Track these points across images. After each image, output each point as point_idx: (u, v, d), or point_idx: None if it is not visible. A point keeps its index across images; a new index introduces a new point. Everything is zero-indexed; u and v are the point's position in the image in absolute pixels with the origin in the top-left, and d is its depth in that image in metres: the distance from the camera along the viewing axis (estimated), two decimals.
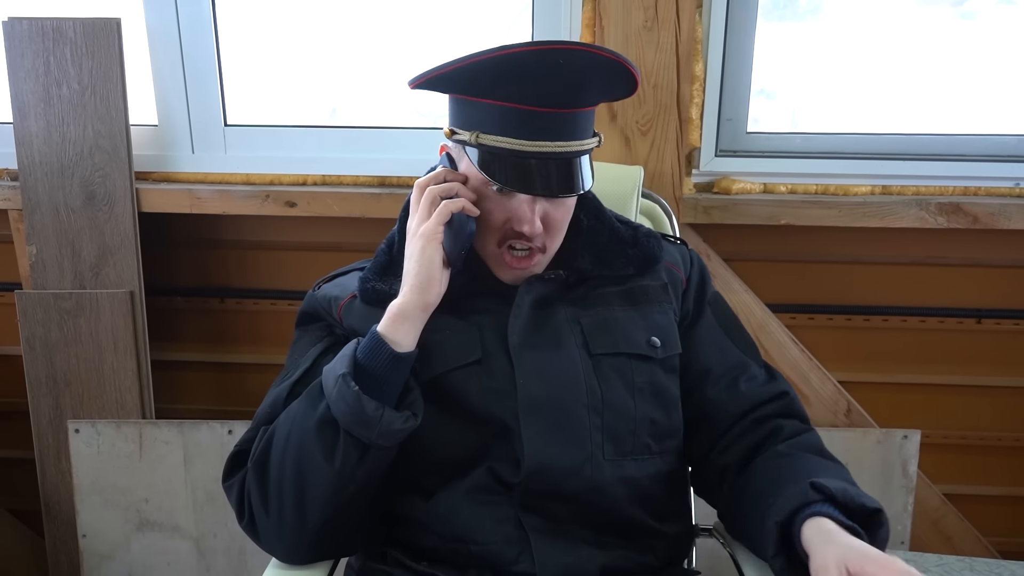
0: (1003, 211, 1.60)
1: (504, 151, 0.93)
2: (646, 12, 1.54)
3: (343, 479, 0.91)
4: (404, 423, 0.91)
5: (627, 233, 1.09)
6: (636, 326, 1.04)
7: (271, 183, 1.73)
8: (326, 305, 1.07)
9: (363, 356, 0.92)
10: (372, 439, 0.90)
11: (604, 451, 0.99)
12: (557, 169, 0.94)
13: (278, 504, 0.94)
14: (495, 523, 0.97)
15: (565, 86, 0.91)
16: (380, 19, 1.74)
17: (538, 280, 1.03)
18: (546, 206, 0.97)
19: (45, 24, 1.62)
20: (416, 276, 0.95)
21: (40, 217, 1.69)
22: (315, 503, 0.93)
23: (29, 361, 1.74)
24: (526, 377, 0.98)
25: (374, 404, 0.89)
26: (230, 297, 1.87)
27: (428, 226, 0.95)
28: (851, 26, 1.70)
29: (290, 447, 0.93)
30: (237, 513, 1.00)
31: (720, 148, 1.69)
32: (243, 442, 1.02)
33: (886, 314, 1.77)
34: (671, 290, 1.10)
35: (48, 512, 1.83)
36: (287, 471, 0.93)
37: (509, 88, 0.91)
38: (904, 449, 1.68)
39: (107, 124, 1.66)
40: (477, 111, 0.95)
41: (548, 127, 0.92)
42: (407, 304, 0.94)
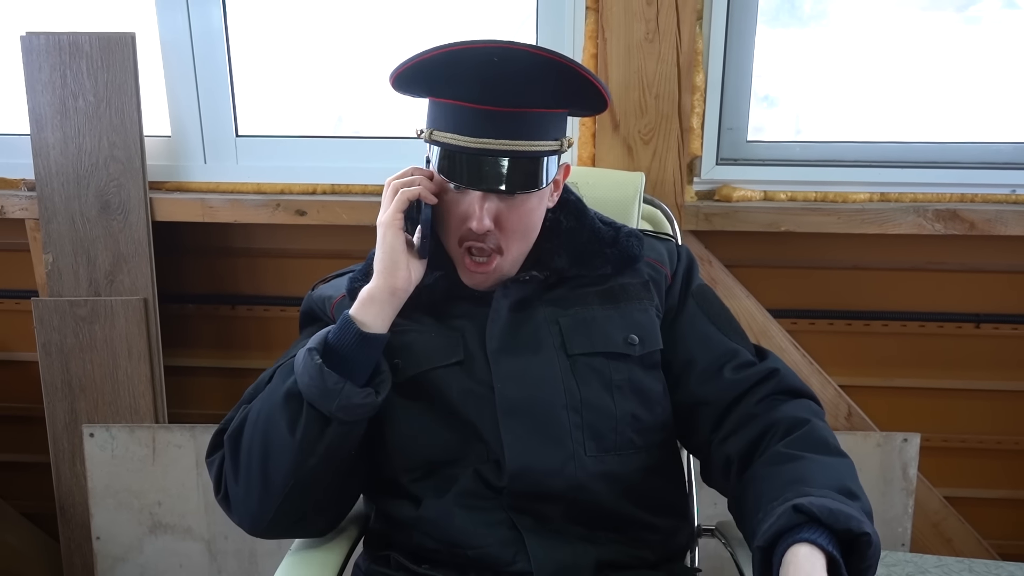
0: (999, 217, 1.62)
1: (452, 147, 0.96)
2: (647, 24, 1.57)
3: (304, 451, 0.94)
4: (364, 399, 0.94)
5: (608, 233, 1.10)
6: (614, 324, 1.05)
7: (281, 192, 1.77)
8: (320, 304, 1.11)
9: (333, 336, 0.96)
10: (332, 411, 0.93)
11: (586, 448, 1.00)
12: (507, 167, 0.96)
13: (246, 474, 0.97)
14: (488, 527, 0.99)
15: (505, 85, 0.93)
16: (384, 28, 1.77)
17: (514, 283, 1.05)
18: (499, 206, 0.98)
19: (62, 38, 1.66)
20: (381, 261, 0.99)
21: (56, 226, 1.73)
22: (278, 473, 0.95)
23: (45, 367, 1.78)
24: (503, 382, 1.01)
25: (335, 378, 0.92)
26: (241, 304, 1.90)
27: (388, 214, 0.99)
28: (854, 31, 1.72)
29: (260, 419, 0.97)
30: (215, 487, 1.03)
31: (721, 156, 1.72)
32: (225, 420, 1.05)
33: (886, 319, 1.79)
34: (652, 287, 1.10)
35: (63, 515, 1.86)
36: (255, 441, 0.96)
37: (454, 86, 0.95)
38: (904, 452, 1.70)
39: (122, 135, 1.70)
40: (436, 109, 0.99)
41: (496, 125, 0.94)
42: (374, 287, 0.98)
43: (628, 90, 1.60)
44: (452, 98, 0.96)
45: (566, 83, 0.96)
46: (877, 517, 1.70)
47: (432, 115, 1.00)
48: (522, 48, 0.93)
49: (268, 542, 1.77)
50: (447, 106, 0.97)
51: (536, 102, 0.95)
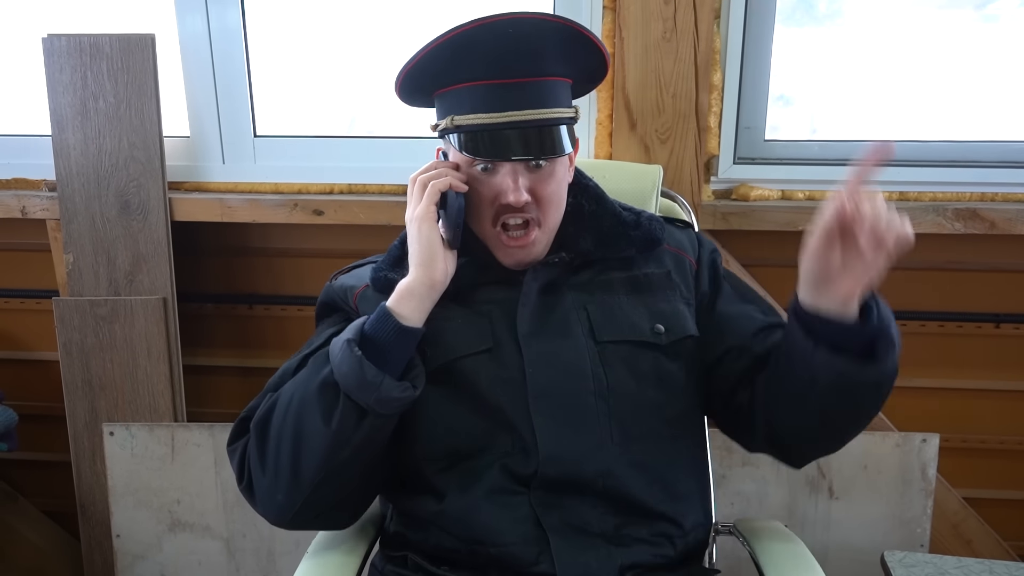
0: (1020, 216, 1.61)
1: (478, 127, 0.98)
2: (664, 23, 1.57)
3: (338, 442, 0.94)
4: (402, 392, 0.94)
5: (630, 217, 1.12)
6: (640, 314, 1.07)
7: (299, 192, 1.78)
8: (342, 294, 1.11)
9: (370, 327, 0.96)
10: (370, 404, 0.93)
11: (613, 436, 1.01)
12: (533, 137, 0.98)
13: (275, 463, 0.97)
14: (513, 523, 0.99)
15: (522, 55, 0.96)
16: (397, 29, 1.78)
17: (543, 266, 1.06)
18: (531, 178, 1.00)
19: (83, 40, 1.68)
20: (419, 255, 0.99)
21: (77, 226, 1.75)
22: (309, 463, 0.95)
23: (66, 366, 1.80)
24: (534, 366, 1.01)
25: (375, 370, 0.92)
26: (258, 303, 1.91)
27: (420, 208, 1.00)
28: (871, 30, 1.71)
29: (292, 408, 0.96)
30: (237, 476, 1.02)
31: (738, 156, 1.72)
32: (249, 409, 1.05)
33: (905, 319, 1.78)
34: (677, 276, 1.11)
35: (83, 513, 1.88)
36: (286, 430, 0.96)
37: (470, 67, 0.96)
38: (923, 453, 1.69)
39: (141, 136, 1.71)
40: (451, 98, 1.00)
41: (515, 97, 0.96)
42: (413, 280, 0.98)
43: (645, 89, 1.60)
44: (468, 80, 0.97)
45: (573, 49, 0.99)
46: (896, 518, 1.71)
47: (446, 105, 1.01)
48: (533, 17, 0.95)
49: (286, 541, 1.78)
50: (464, 90, 0.98)
51: (548, 70, 0.98)
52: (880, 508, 1.72)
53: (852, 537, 1.73)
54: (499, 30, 0.94)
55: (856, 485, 1.72)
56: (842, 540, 1.73)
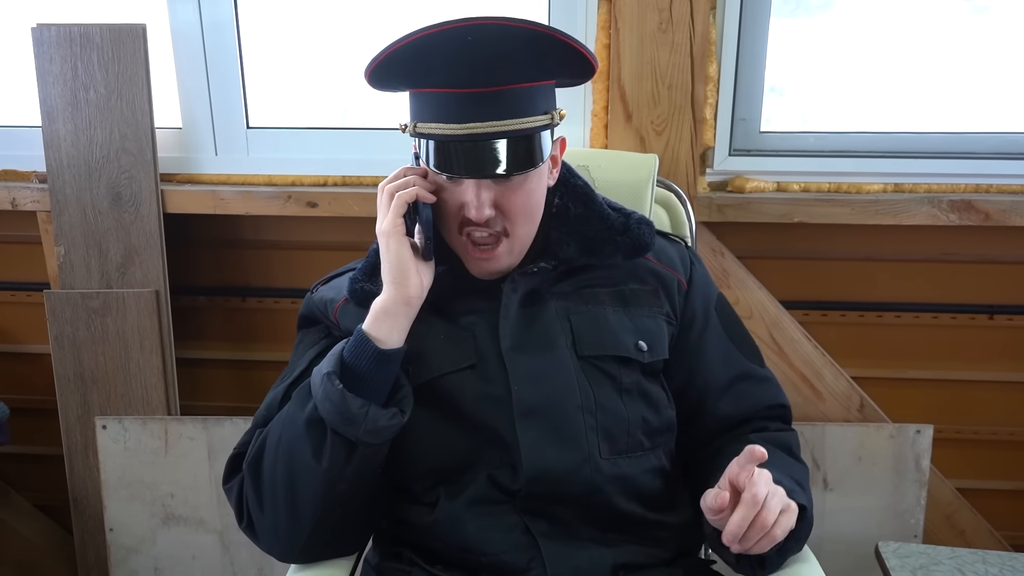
0: (1015, 208, 1.61)
1: (439, 137, 0.92)
2: (661, 14, 1.56)
3: (332, 478, 0.92)
4: (390, 420, 0.91)
5: (618, 220, 1.07)
6: (625, 328, 1.04)
7: (293, 184, 1.77)
8: (322, 308, 1.08)
9: (349, 355, 0.92)
10: (359, 436, 0.90)
11: (600, 451, 0.99)
12: (498, 149, 0.92)
13: (272, 504, 0.95)
14: (502, 532, 0.98)
15: (484, 64, 0.89)
16: (390, 19, 1.76)
17: (522, 276, 1.03)
18: (497, 190, 0.94)
19: (73, 30, 1.66)
20: (390, 273, 0.95)
21: (68, 218, 1.73)
22: (307, 502, 0.93)
23: (58, 359, 1.78)
24: (520, 383, 0.98)
25: (359, 402, 0.89)
26: (252, 296, 1.90)
27: (387, 222, 0.95)
28: (862, 21, 1.71)
29: (281, 448, 0.94)
30: (236, 515, 1.01)
31: (734, 147, 1.72)
32: (240, 445, 1.03)
33: (899, 310, 1.79)
34: (663, 294, 1.09)
35: (76, 507, 1.87)
36: (279, 471, 0.94)
37: (430, 74, 0.90)
38: (917, 444, 1.70)
39: (133, 127, 1.70)
40: (416, 101, 0.95)
41: (476, 108, 0.90)
42: (387, 300, 0.95)
43: (641, 80, 1.59)
44: (431, 86, 0.91)
45: (547, 52, 0.92)
46: (889, 509, 1.72)
47: (413, 107, 0.96)
48: (495, 22, 0.88)
49: None
50: (427, 95, 0.93)
51: (518, 77, 0.91)
52: (874, 499, 1.73)
53: (846, 528, 1.74)
54: (458, 37, 0.88)
55: (850, 476, 1.72)
56: (836, 531, 1.74)
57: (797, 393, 1.74)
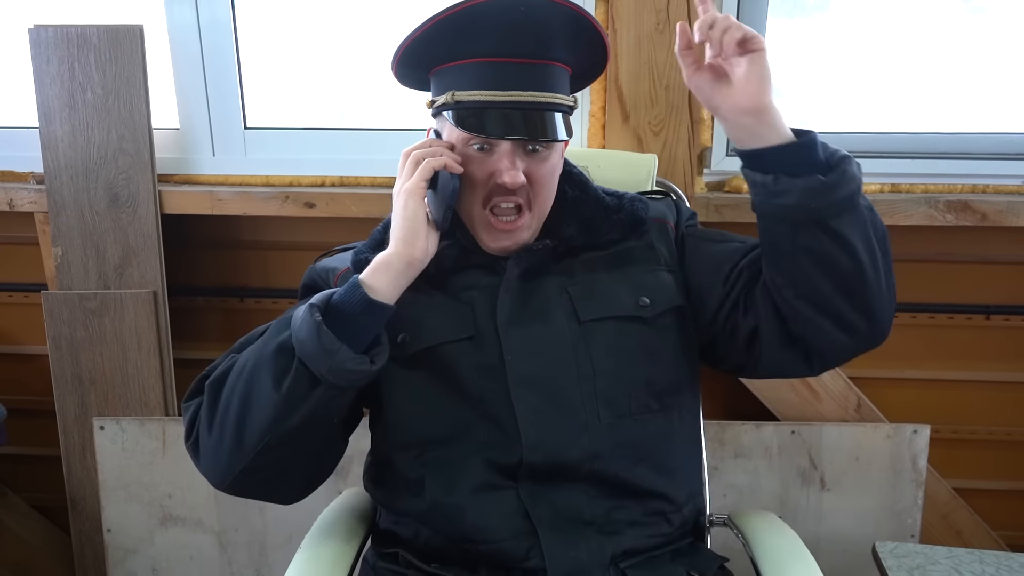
0: (1011, 208, 1.62)
1: (479, 104, 0.96)
2: (658, 14, 1.56)
3: (286, 409, 0.91)
4: (357, 364, 0.91)
5: (612, 201, 1.11)
6: (623, 288, 1.05)
7: (290, 184, 1.77)
8: (324, 275, 1.10)
9: (338, 296, 0.93)
10: (323, 373, 0.90)
11: (600, 416, 1.00)
12: (533, 118, 0.96)
13: (221, 423, 0.95)
14: (502, 518, 0.98)
15: (529, 35, 0.94)
16: (388, 21, 1.76)
17: (526, 252, 1.05)
18: (527, 161, 0.99)
19: (70, 31, 1.66)
20: (401, 230, 0.96)
21: (65, 219, 1.73)
22: (254, 427, 0.92)
23: (55, 360, 1.78)
24: (514, 354, 1.00)
25: (332, 338, 0.89)
26: (249, 297, 1.90)
27: (411, 183, 0.97)
28: (859, 21, 1.71)
29: (245, 369, 0.94)
30: (186, 432, 1.00)
31: (731, 148, 1.72)
32: (211, 367, 1.03)
33: (896, 310, 1.78)
34: (660, 245, 1.10)
35: (74, 508, 1.87)
36: (236, 391, 0.94)
37: (476, 43, 0.95)
38: (914, 444, 1.70)
39: (130, 128, 1.70)
40: (451, 74, 0.98)
41: (518, 77, 0.95)
42: (391, 254, 0.96)
43: (638, 81, 1.59)
44: (474, 56, 0.96)
45: (579, 37, 0.98)
46: (886, 509, 1.72)
47: (447, 80, 0.99)
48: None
49: (278, 534, 1.78)
50: (468, 65, 0.97)
51: (554, 54, 0.97)
52: (871, 499, 1.73)
53: (843, 528, 1.74)
54: (511, 6, 0.93)
55: (847, 476, 1.72)
56: (833, 531, 1.74)
57: (794, 393, 1.74)
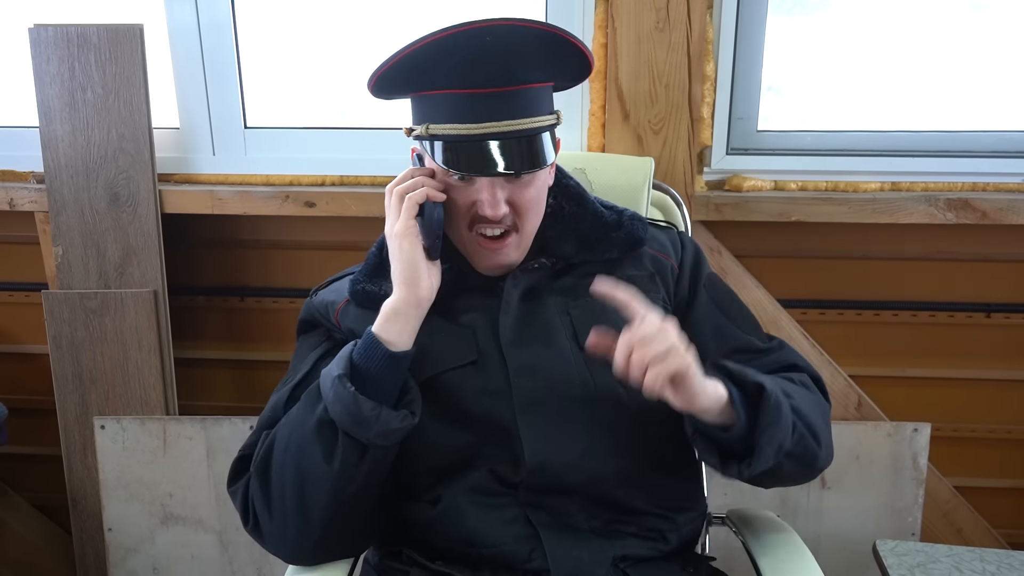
0: (1011, 206, 1.61)
1: (455, 138, 0.94)
2: (658, 13, 1.56)
3: (343, 480, 0.92)
4: (401, 422, 0.92)
5: (611, 217, 1.09)
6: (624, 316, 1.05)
7: (290, 184, 1.77)
8: (323, 311, 1.08)
9: (359, 357, 0.92)
10: (370, 439, 0.91)
11: (601, 443, 1.00)
12: (513, 148, 0.94)
13: (280, 507, 0.95)
14: (504, 524, 0.98)
15: (500, 63, 0.91)
16: (388, 20, 1.77)
17: (523, 272, 1.04)
18: (509, 187, 0.97)
19: (70, 30, 1.66)
20: (401, 273, 0.96)
21: (66, 218, 1.73)
22: (316, 504, 0.93)
23: (56, 359, 1.78)
24: (520, 376, 0.99)
25: (371, 404, 0.89)
26: (250, 296, 1.90)
27: (400, 224, 0.96)
28: (860, 19, 1.71)
29: (290, 450, 0.94)
30: (242, 517, 1.00)
31: (731, 146, 1.72)
32: (246, 447, 1.03)
33: (896, 309, 1.79)
34: (659, 280, 1.09)
35: (75, 507, 1.87)
36: (288, 474, 0.94)
37: (446, 75, 0.92)
38: (914, 442, 1.70)
39: (130, 127, 1.70)
40: (426, 104, 0.96)
41: (493, 107, 0.92)
42: (398, 301, 0.95)
43: (638, 80, 1.59)
44: (446, 87, 0.93)
45: (555, 54, 0.95)
46: (887, 507, 1.72)
47: (422, 110, 0.97)
48: (513, 23, 0.91)
49: None
50: (441, 97, 0.94)
51: (527, 77, 0.94)
52: (872, 497, 1.73)
53: (844, 526, 1.74)
54: (476, 37, 0.90)
55: (848, 475, 1.72)
56: (834, 529, 1.74)
57: None
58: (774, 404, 0.92)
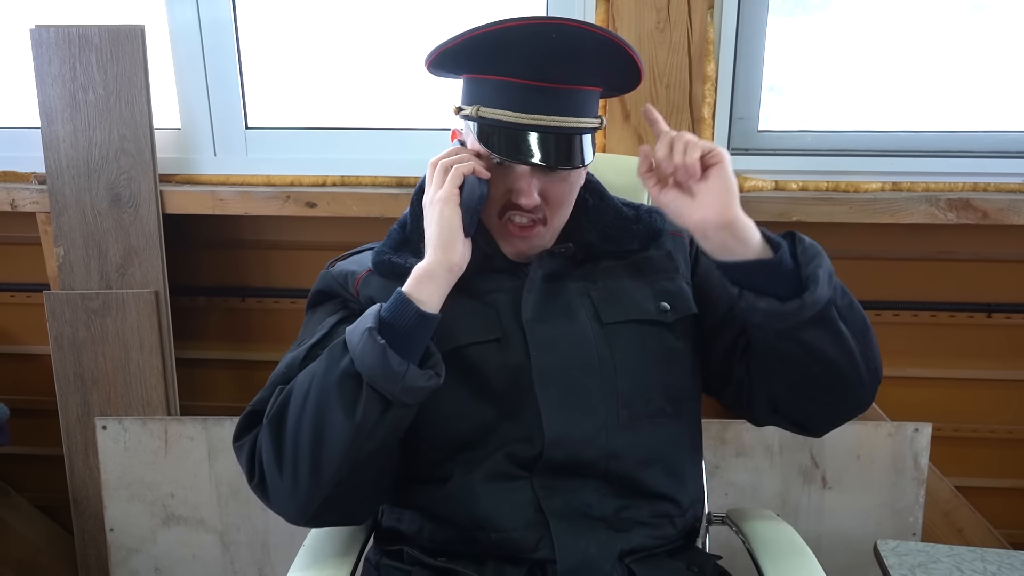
0: (1012, 207, 1.61)
1: (502, 124, 0.97)
2: (659, 13, 1.56)
3: (362, 434, 0.91)
4: (427, 380, 0.92)
5: (630, 212, 1.13)
6: (644, 294, 1.08)
7: (291, 184, 1.77)
8: (342, 280, 1.09)
9: (388, 314, 0.93)
10: (395, 394, 0.90)
11: (619, 417, 1.02)
12: (554, 143, 0.97)
13: (293, 461, 0.94)
14: (515, 508, 0.99)
15: (560, 61, 0.95)
16: (389, 20, 1.77)
17: (548, 255, 1.07)
18: (545, 180, 1.00)
19: (71, 31, 1.66)
20: (438, 237, 0.97)
21: (67, 219, 1.74)
22: (331, 458, 0.92)
23: (57, 360, 1.79)
24: (539, 349, 1.01)
25: (399, 359, 0.89)
26: (251, 296, 1.90)
27: (444, 190, 0.98)
28: (861, 19, 1.71)
29: (309, 402, 0.93)
30: (247, 473, 0.99)
31: (732, 146, 1.72)
32: (257, 402, 1.01)
33: (897, 309, 1.79)
34: (678, 255, 1.13)
35: (76, 507, 1.88)
36: (304, 426, 0.93)
37: (507, 62, 0.95)
38: (915, 442, 1.70)
39: (132, 128, 1.70)
40: (480, 87, 0.99)
41: (545, 101, 0.96)
42: (432, 263, 0.96)
43: None
44: (503, 75, 0.96)
45: (611, 62, 0.98)
46: (888, 507, 1.72)
47: (475, 92, 1.00)
48: (579, 26, 0.94)
49: (281, 533, 1.79)
50: (496, 83, 0.97)
51: (583, 80, 0.98)
52: (873, 497, 1.73)
53: (845, 526, 1.74)
54: (542, 33, 0.93)
55: (849, 474, 1.72)
56: (835, 529, 1.74)
57: None
58: (810, 244, 0.96)
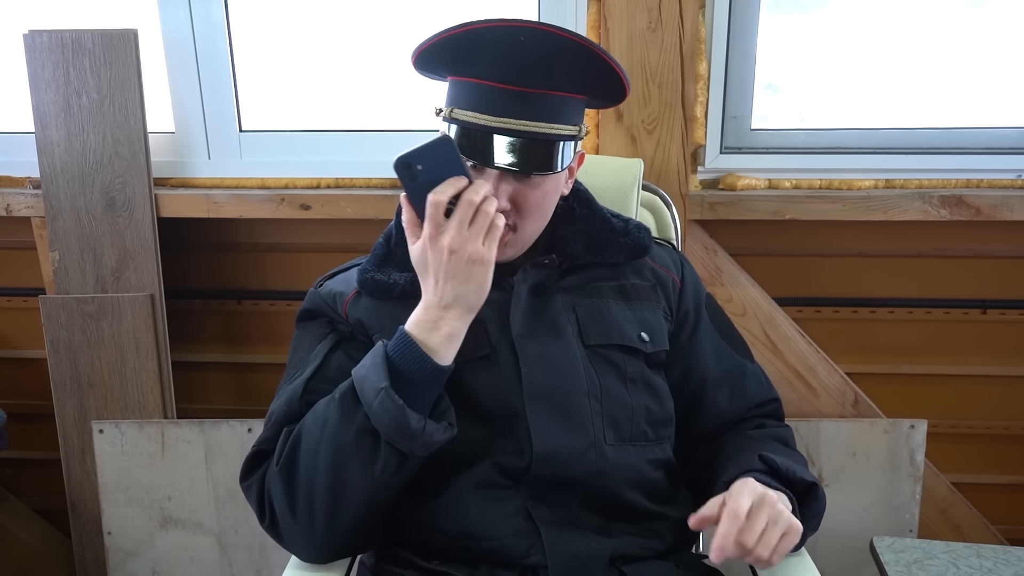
0: (1005, 203, 1.62)
1: (471, 125, 0.96)
2: (650, 13, 1.56)
3: (379, 486, 0.93)
4: (443, 434, 0.93)
5: (619, 224, 1.12)
6: (627, 320, 1.08)
7: (286, 187, 1.77)
8: (330, 301, 1.08)
9: (403, 365, 0.91)
10: (413, 450, 0.92)
11: (606, 436, 1.02)
12: (524, 148, 0.96)
13: (307, 509, 0.94)
14: (505, 517, 0.99)
15: (530, 65, 0.93)
16: (382, 23, 1.77)
17: (533, 267, 1.06)
18: (515, 186, 0.98)
19: (64, 36, 1.66)
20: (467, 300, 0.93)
21: (62, 224, 1.74)
22: (349, 509, 0.94)
23: (54, 364, 1.79)
24: (530, 366, 1.01)
25: (418, 417, 0.90)
26: (247, 299, 1.91)
27: (484, 250, 0.91)
28: (857, 17, 1.71)
29: (322, 455, 0.93)
30: (258, 514, 1.00)
31: (725, 145, 1.72)
32: (262, 442, 1.01)
33: (892, 306, 1.79)
34: (660, 291, 1.13)
35: (74, 511, 1.88)
36: (319, 478, 0.93)
37: (478, 64, 0.95)
38: (911, 439, 1.71)
39: (126, 132, 1.70)
40: (456, 88, 0.99)
41: (514, 104, 0.94)
42: (461, 324, 0.94)
43: (631, 80, 1.58)
44: (474, 76, 0.96)
45: (588, 68, 0.97)
46: (884, 504, 1.72)
47: (452, 94, 1.00)
48: (549, 29, 0.93)
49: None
50: (468, 84, 0.97)
51: (557, 85, 0.96)
52: (869, 494, 1.73)
53: (841, 523, 1.74)
54: (511, 35, 0.92)
55: (845, 471, 1.73)
56: (831, 526, 1.74)
57: (791, 390, 1.74)
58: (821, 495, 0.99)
